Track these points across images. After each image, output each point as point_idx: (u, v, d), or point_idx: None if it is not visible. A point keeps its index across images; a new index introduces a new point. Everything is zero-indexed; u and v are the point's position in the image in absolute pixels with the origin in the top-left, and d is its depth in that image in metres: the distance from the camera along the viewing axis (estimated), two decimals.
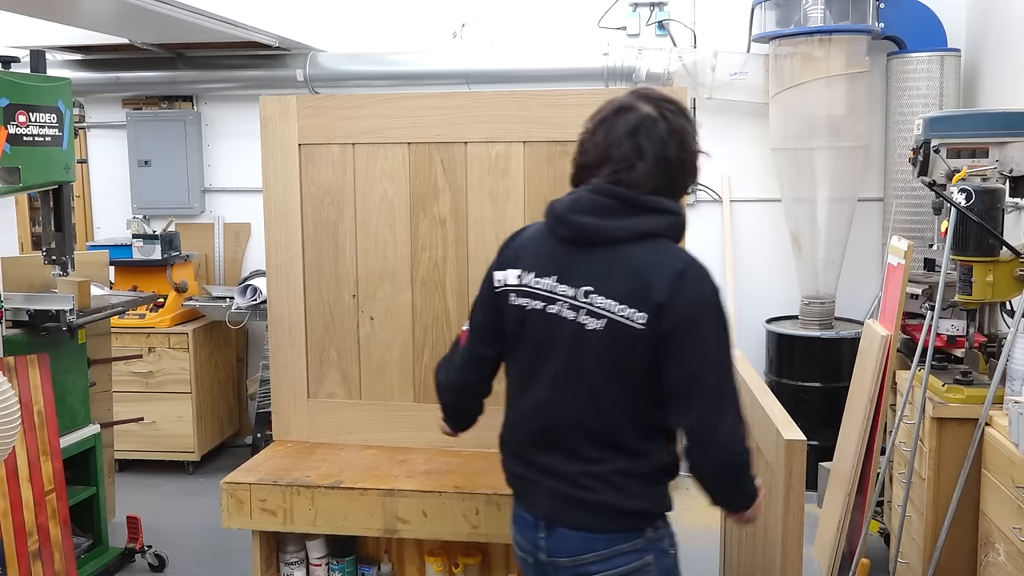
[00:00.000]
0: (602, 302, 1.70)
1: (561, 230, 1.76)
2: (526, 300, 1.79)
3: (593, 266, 1.72)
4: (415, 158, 2.49)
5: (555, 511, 1.80)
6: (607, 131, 1.74)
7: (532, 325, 1.79)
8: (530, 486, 1.84)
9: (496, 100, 2.42)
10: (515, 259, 1.83)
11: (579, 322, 1.72)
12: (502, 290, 1.83)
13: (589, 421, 1.75)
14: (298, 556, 2.47)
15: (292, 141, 2.53)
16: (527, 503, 1.86)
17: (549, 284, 1.77)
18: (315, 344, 2.61)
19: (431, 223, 2.51)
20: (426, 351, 2.55)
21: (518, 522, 1.89)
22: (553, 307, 1.76)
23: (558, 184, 2.41)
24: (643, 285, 1.68)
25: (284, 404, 2.64)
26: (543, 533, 1.81)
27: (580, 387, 1.75)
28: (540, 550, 1.82)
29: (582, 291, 1.72)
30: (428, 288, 2.53)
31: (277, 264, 2.59)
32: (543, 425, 1.80)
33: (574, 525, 1.78)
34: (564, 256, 1.76)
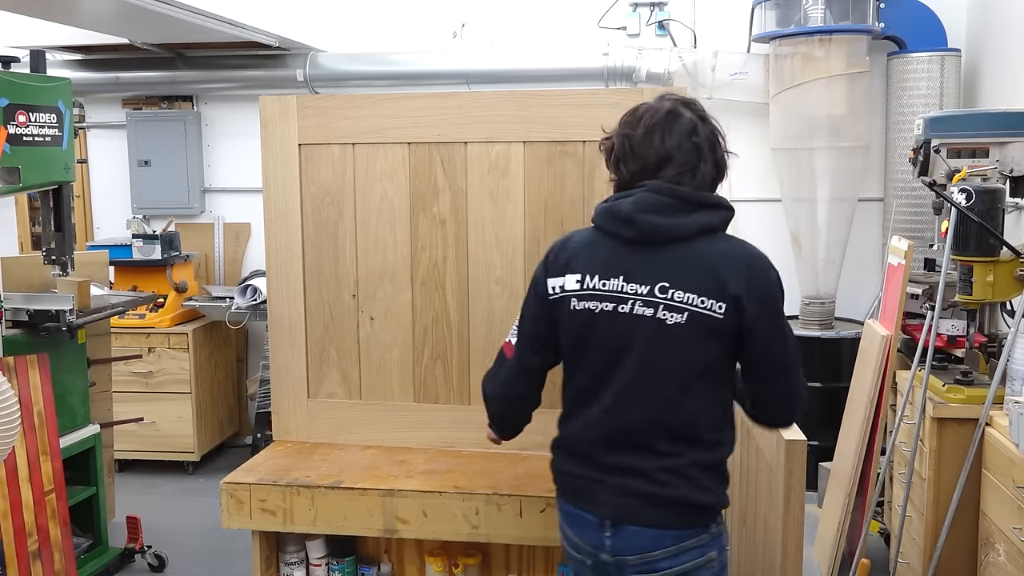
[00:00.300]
0: (681, 296, 1.75)
1: (626, 231, 1.79)
2: (594, 303, 1.81)
3: (663, 263, 1.77)
4: (415, 158, 2.49)
5: (624, 509, 1.81)
6: (663, 135, 1.80)
7: (602, 327, 1.80)
8: (594, 486, 1.84)
9: (496, 100, 2.43)
10: (569, 265, 1.84)
11: (659, 317, 1.76)
12: (559, 297, 1.84)
13: (667, 416, 1.79)
14: (298, 556, 2.47)
15: (292, 141, 2.53)
16: (590, 503, 1.85)
17: (617, 284, 1.79)
18: (315, 344, 2.61)
19: (431, 223, 2.51)
20: (426, 351, 2.55)
21: (575, 523, 1.87)
22: (624, 306, 1.78)
23: (558, 184, 2.41)
24: (717, 277, 1.75)
25: (284, 404, 2.64)
26: (609, 532, 1.82)
27: (659, 382, 1.78)
28: (604, 550, 1.83)
29: (657, 287, 1.76)
30: (428, 288, 2.53)
31: (277, 264, 2.59)
32: (618, 425, 1.81)
33: (645, 522, 1.80)
34: (628, 256, 1.79)
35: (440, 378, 2.55)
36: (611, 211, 1.82)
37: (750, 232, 5.24)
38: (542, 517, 2.15)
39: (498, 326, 2.50)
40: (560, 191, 2.42)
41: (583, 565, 1.89)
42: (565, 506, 1.91)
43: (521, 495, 2.17)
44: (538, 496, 2.16)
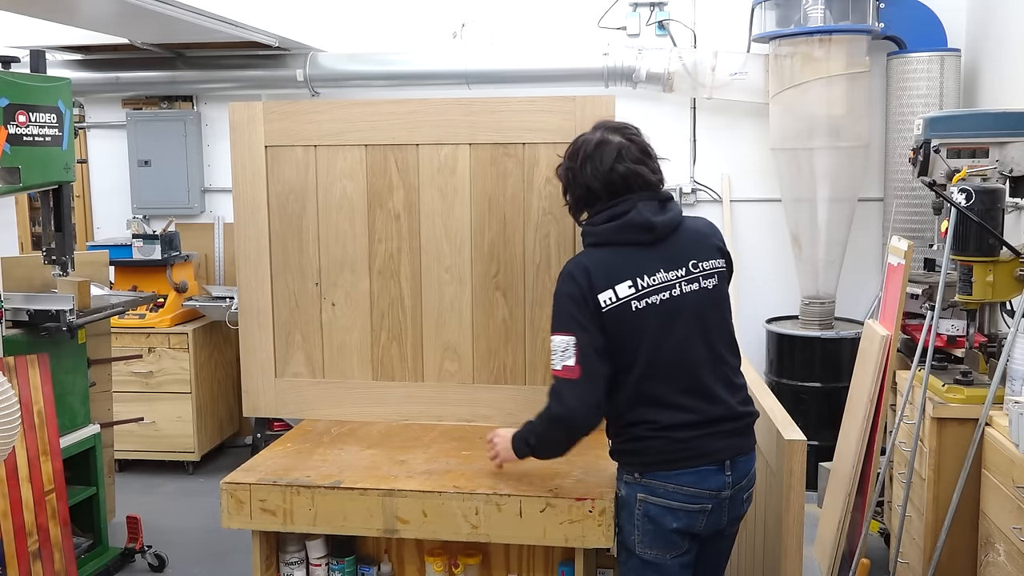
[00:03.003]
0: (707, 264, 2.16)
1: (646, 235, 2.11)
2: (652, 298, 2.09)
3: (679, 247, 2.14)
4: (372, 159, 2.69)
5: (733, 447, 2.14)
6: (597, 162, 2.15)
7: (667, 312, 2.09)
8: (708, 439, 2.11)
9: (444, 106, 2.64)
10: (612, 277, 2.09)
11: (703, 287, 2.14)
12: (616, 305, 2.07)
13: (731, 357, 2.19)
14: (298, 556, 2.47)
15: (259, 143, 2.73)
16: (706, 455, 2.11)
17: (662, 276, 2.11)
18: (281, 328, 2.79)
19: (387, 217, 2.70)
20: (383, 333, 2.75)
21: (694, 479, 2.10)
22: (675, 290, 2.11)
23: (500, 181, 2.63)
24: (710, 241, 2.21)
25: (253, 383, 2.83)
26: (728, 472, 2.13)
27: (720, 334, 2.16)
28: (725, 488, 2.13)
29: (690, 264, 2.13)
30: (384, 276, 2.73)
31: (246, 255, 2.78)
32: (708, 380, 2.12)
33: (748, 450, 2.19)
34: (653, 253, 2.12)
35: (396, 358, 2.75)
36: (626, 225, 2.11)
37: (750, 232, 5.25)
38: (542, 517, 2.16)
39: (448, 310, 2.70)
40: (502, 188, 2.63)
41: (700, 512, 2.12)
42: (674, 472, 2.10)
43: (521, 495, 2.18)
44: (538, 496, 2.17)
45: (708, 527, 2.15)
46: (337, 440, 2.62)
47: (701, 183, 5.28)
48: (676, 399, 2.10)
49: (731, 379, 2.18)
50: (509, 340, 2.66)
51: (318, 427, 2.74)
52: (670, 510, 2.11)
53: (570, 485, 2.22)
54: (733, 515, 2.20)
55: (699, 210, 5.30)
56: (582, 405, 2.08)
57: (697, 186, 5.28)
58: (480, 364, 2.69)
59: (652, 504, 2.12)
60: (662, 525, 2.11)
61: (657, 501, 2.11)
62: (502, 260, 2.65)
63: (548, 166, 2.57)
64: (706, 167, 5.27)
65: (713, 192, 5.27)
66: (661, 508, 2.11)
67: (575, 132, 2.51)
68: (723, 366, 2.16)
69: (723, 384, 2.15)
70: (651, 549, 2.13)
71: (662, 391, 2.10)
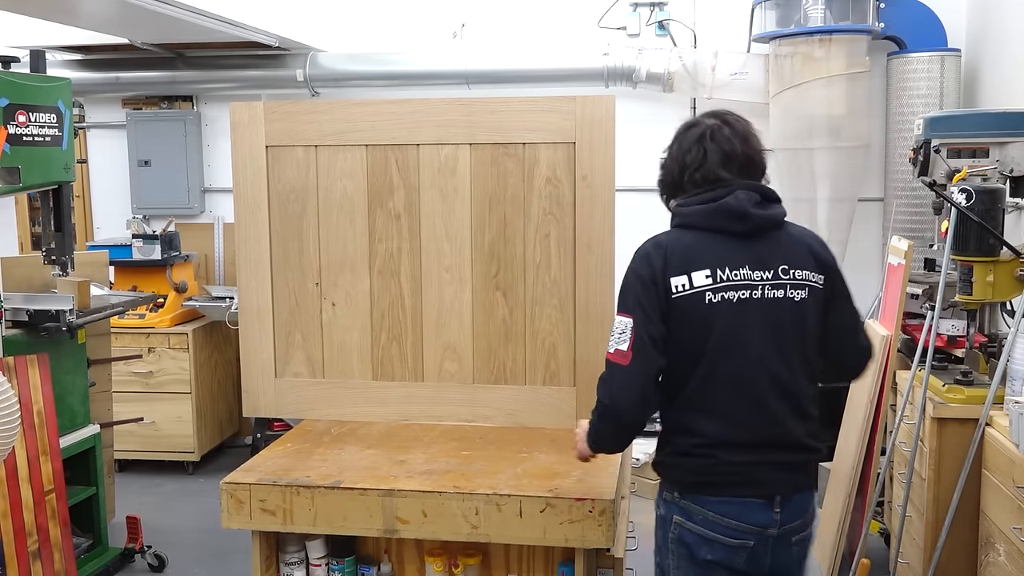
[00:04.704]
0: (800, 274, 1.96)
1: (738, 225, 1.94)
2: (730, 293, 1.92)
3: (773, 248, 1.96)
4: (372, 159, 2.69)
5: (787, 482, 1.95)
6: (730, 145, 2.01)
7: (742, 314, 1.92)
8: (760, 468, 1.93)
9: (445, 106, 2.63)
10: (690, 262, 1.93)
11: (788, 297, 1.94)
12: (688, 293, 1.91)
13: (804, 385, 1.97)
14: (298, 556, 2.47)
15: (260, 143, 2.73)
16: (755, 486, 1.93)
17: (745, 273, 1.93)
18: (282, 328, 2.79)
19: (387, 217, 2.70)
20: (383, 333, 2.75)
21: (737, 510, 1.93)
22: (757, 292, 1.93)
23: (500, 181, 2.62)
24: (812, 252, 2.00)
25: (253, 383, 2.82)
26: (778, 508, 1.94)
27: (797, 356, 1.95)
28: (772, 526, 1.94)
29: (780, 269, 1.95)
30: (384, 276, 2.73)
31: (247, 255, 2.78)
32: (773, 404, 1.93)
33: (803, 489, 1.99)
34: (743, 248, 1.95)
35: (396, 358, 2.75)
36: (720, 210, 1.94)
37: None
38: (542, 517, 2.16)
39: (448, 310, 2.69)
40: (503, 188, 2.63)
41: (741, 549, 1.93)
42: (714, 498, 1.94)
43: (521, 495, 2.18)
44: (538, 496, 2.17)
45: (750, 566, 1.95)
46: (337, 440, 2.62)
47: None
48: (733, 411, 1.92)
49: (801, 406, 1.96)
50: (509, 340, 2.66)
51: (318, 427, 2.74)
52: (706, 540, 1.94)
53: (570, 485, 2.22)
54: (780, 558, 1.97)
55: None
56: (626, 395, 1.92)
57: None
58: (480, 364, 2.69)
59: (687, 530, 1.96)
60: (696, 554, 1.95)
61: (693, 528, 1.95)
62: (502, 260, 2.64)
63: (548, 166, 2.57)
64: None
65: None
66: (697, 536, 1.95)
67: (575, 132, 2.52)
68: (795, 389, 1.95)
69: (790, 409, 1.94)
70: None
71: (719, 399, 1.93)
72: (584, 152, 2.53)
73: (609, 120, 2.52)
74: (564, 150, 2.56)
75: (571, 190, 2.56)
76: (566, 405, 2.62)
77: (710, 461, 1.94)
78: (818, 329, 1.99)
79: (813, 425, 1.99)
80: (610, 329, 1.96)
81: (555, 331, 2.62)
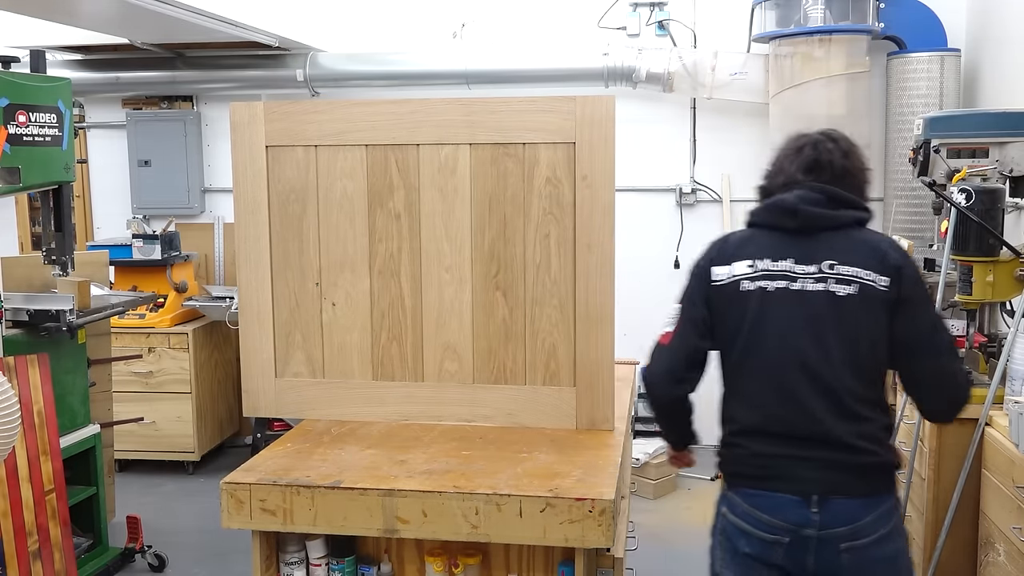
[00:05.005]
0: (848, 270, 1.94)
1: (789, 221, 1.99)
2: (765, 282, 1.97)
3: (825, 246, 1.97)
4: (372, 159, 2.69)
5: (825, 482, 1.90)
6: (828, 156, 2.05)
7: (776, 305, 1.96)
8: (794, 463, 1.92)
9: (445, 106, 2.63)
10: (736, 254, 2.03)
11: (830, 290, 1.94)
12: (727, 282, 2.00)
13: (853, 382, 1.92)
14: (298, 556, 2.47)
15: (260, 143, 2.72)
16: (789, 481, 1.93)
17: (787, 265, 1.97)
18: (282, 328, 2.79)
19: (387, 217, 2.70)
20: (383, 333, 2.74)
21: (768, 504, 1.94)
22: (795, 284, 1.96)
23: (500, 181, 2.62)
24: (878, 256, 1.95)
25: (253, 383, 2.82)
26: (815, 508, 1.90)
27: (841, 351, 1.92)
28: (809, 526, 1.90)
29: (825, 264, 1.95)
30: (384, 276, 2.72)
31: (247, 255, 2.77)
32: (810, 398, 1.92)
33: (851, 493, 1.91)
34: (792, 243, 1.99)
35: (396, 358, 2.74)
36: (776, 205, 2.03)
37: None
38: (542, 517, 2.16)
39: (448, 310, 2.68)
40: (503, 188, 2.62)
41: (776, 545, 1.94)
42: (750, 491, 1.97)
43: (521, 495, 2.18)
44: (538, 496, 2.17)
45: (792, 565, 1.95)
46: (337, 440, 2.62)
47: (701, 183, 5.28)
48: (764, 400, 1.96)
49: (845, 404, 1.92)
50: (509, 340, 2.66)
51: (318, 427, 2.74)
52: (743, 532, 1.98)
53: (570, 485, 2.22)
54: (824, 563, 1.92)
55: (699, 210, 5.30)
56: (659, 369, 2.07)
57: (697, 186, 5.28)
58: (480, 364, 2.69)
59: (730, 521, 2.02)
60: (736, 547, 2.00)
61: (734, 520, 2.00)
62: (502, 260, 2.64)
63: (548, 166, 2.57)
64: (706, 167, 5.27)
65: (713, 192, 5.27)
66: (735, 528, 2.00)
67: (575, 132, 2.52)
68: (836, 387, 1.92)
69: (830, 406, 1.91)
70: (728, 571, 2.03)
71: (752, 388, 1.99)
72: (584, 152, 2.53)
73: (609, 120, 2.52)
74: (564, 150, 2.56)
75: (571, 190, 2.56)
76: (566, 405, 2.62)
77: (743, 451, 2.00)
78: (876, 332, 1.94)
79: (868, 427, 1.93)
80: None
81: (555, 331, 2.62)
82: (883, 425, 1.97)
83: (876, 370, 1.97)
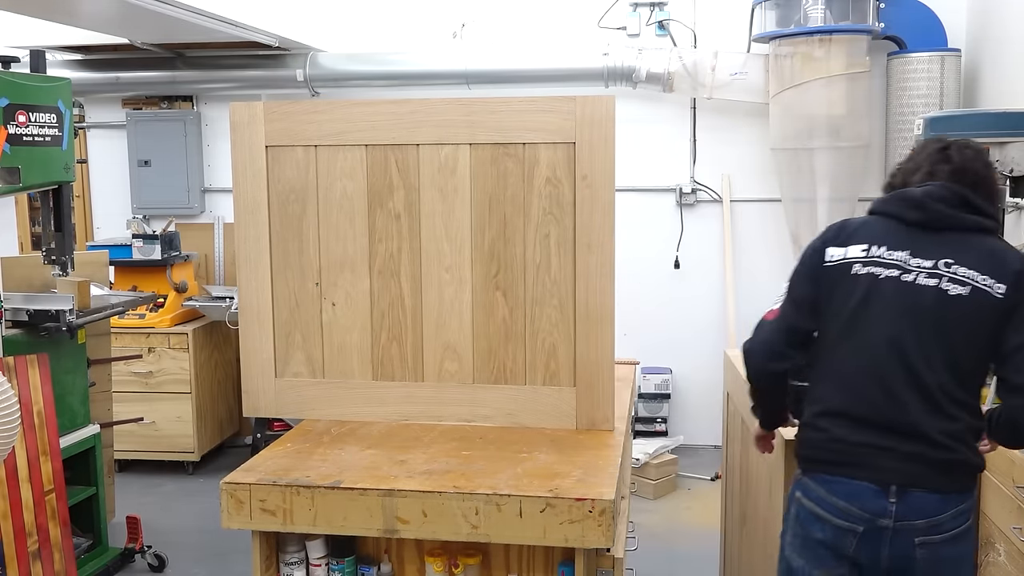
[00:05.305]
0: (964, 271, 1.94)
1: (913, 213, 2.00)
2: (878, 269, 1.98)
3: (944, 244, 1.97)
4: (372, 159, 2.69)
5: (907, 473, 1.92)
6: (972, 164, 2.08)
7: (885, 292, 1.97)
8: (878, 452, 1.93)
9: (445, 106, 2.62)
10: (853, 237, 2.04)
11: (941, 288, 1.94)
12: (839, 263, 2.02)
13: (947, 380, 1.93)
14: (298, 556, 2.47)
15: (260, 143, 2.72)
16: (868, 470, 1.94)
17: (902, 256, 1.98)
18: (282, 328, 2.79)
19: (387, 217, 2.70)
20: (383, 333, 2.74)
21: (845, 491, 1.95)
22: (908, 276, 1.96)
23: (500, 181, 2.61)
24: (998, 263, 1.96)
25: (253, 383, 2.82)
26: (893, 498, 1.91)
27: (942, 350, 1.93)
28: (886, 516, 1.91)
29: (942, 262, 1.95)
30: (384, 276, 2.72)
31: (246, 255, 2.77)
32: (904, 390, 1.93)
33: (931, 487, 1.92)
34: (911, 236, 1.99)
35: (396, 358, 2.74)
36: (903, 196, 2.04)
37: (750, 232, 5.25)
38: (542, 517, 2.16)
39: (448, 310, 2.68)
40: (503, 188, 2.62)
41: (851, 533, 1.95)
42: (827, 476, 1.98)
43: (521, 495, 2.18)
44: (538, 496, 2.17)
45: (866, 556, 1.95)
46: (337, 440, 2.62)
47: (701, 183, 5.28)
48: (856, 383, 1.97)
49: (937, 400, 1.92)
50: (509, 340, 2.66)
51: (318, 427, 2.74)
52: (817, 518, 1.99)
53: (570, 485, 2.22)
54: (898, 555, 1.93)
55: (699, 210, 5.30)
56: (759, 342, 2.10)
57: (697, 186, 5.28)
58: (480, 364, 2.69)
59: (803, 507, 2.02)
60: (810, 533, 2.01)
61: (808, 505, 2.01)
62: (502, 260, 2.64)
63: (548, 166, 2.57)
64: (706, 167, 5.27)
65: (713, 192, 5.27)
66: (809, 513, 2.00)
67: (575, 132, 2.52)
68: (930, 383, 1.92)
69: (922, 399, 1.92)
70: (799, 557, 2.04)
71: (847, 371, 1.99)
72: (584, 152, 2.53)
73: (609, 120, 2.52)
74: (564, 150, 2.56)
75: (571, 190, 2.56)
76: (566, 405, 2.62)
77: (822, 435, 2.00)
78: (981, 335, 1.94)
79: (955, 426, 1.93)
80: None
81: (555, 331, 2.62)
82: (971, 427, 1.97)
83: (973, 373, 1.98)
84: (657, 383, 5.20)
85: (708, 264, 5.31)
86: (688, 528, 4.22)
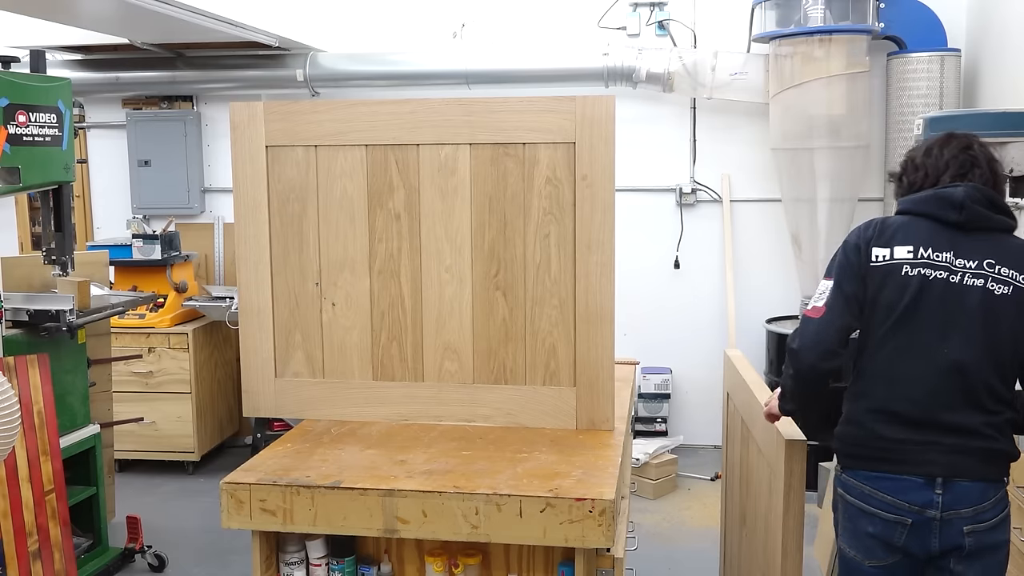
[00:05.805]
0: (1007, 272, 2.02)
1: (953, 214, 2.05)
2: (928, 271, 2.03)
3: (984, 245, 2.04)
4: (372, 159, 2.69)
5: (952, 464, 1.99)
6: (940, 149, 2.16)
7: (934, 292, 2.02)
8: (924, 447, 2.00)
9: (444, 106, 2.63)
10: (896, 238, 2.07)
11: (988, 288, 2.01)
12: (887, 264, 2.06)
13: (991, 376, 2.01)
14: (298, 556, 2.47)
15: (260, 143, 2.73)
16: (915, 464, 2.00)
17: (947, 257, 2.04)
18: (281, 328, 2.79)
19: (387, 217, 2.70)
20: (383, 333, 2.75)
21: (893, 486, 2.01)
22: (955, 276, 2.02)
23: (500, 181, 2.61)
24: None
25: (253, 383, 2.82)
26: (940, 490, 1.99)
27: (986, 347, 2.00)
28: (933, 507, 1.99)
29: (985, 262, 2.02)
30: (384, 276, 2.72)
31: (246, 255, 2.78)
32: (950, 386, 2.00)
33: (975, 477, 2.00)
34: (951, 236, 2.05)
35: (396, 358, 2.74)
36: (941, 197, 2.07)
37: (750, 232, 5.25)
38: (542, 517, 2.16)
39: (448, 309, 2.68)
40: (503, 188, 2.62)
41: (900, 525, 2.02)
42: (871, 472, 2.04)
43: (521, 495, 2.18)
44: (538, 496, 2.17)
45: (916, 547, 2.03)
46: (337, 440, 2.62)
47: (701, 183, 5.28)
48: (903, 377, 2.03)
49: (980, 397, 2.01)
50: (509, 340, 2.66)
51: (318, 427, 2.74)
52: (865, 513, 2.06)
53: (570, 485, 2.22)
54: (948, 544, 2.01)
55: (699, 210, 5.30)
56: (810, 341, 2.08)
57: (697, 186, 5.28)
58: (480, 364, 2.69)
59: (849, 503, 2.09)
60: (859, 527, 2.07)
61: (853, 501, 2.08)
62: (502, 260, 2.65)
63: (548, 166, 2.57)
64: (706, 167, 5.27)
65: (713, 192, 5.27)
66: (856, 509, 2.07)
67: (575, 132, 2.52)
68: (978, 380, 2.01)
69: (966, 396, 2.01)
70: (850, 548, 2.11)
71: (897, 369, 2.03)
72: (584, 152, 2.54)
73: (609, 120, 2.52)
74: (564, 150, 2.56)
75: (571, 190, 2.56)
76: (566, 405, 2.62)
77: (865, 433, 2.06)
78: (1022, 333, 2.02)
79: (996, 420, 2.02)
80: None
81: (555, 331, 2.62)
82: (1009, 419, 2.05)
83: (1013, 369, 2.05)
84: (657, 383, 5.20)
85: (708, 264, 5.31)
86: (688, 528, 4.22)
